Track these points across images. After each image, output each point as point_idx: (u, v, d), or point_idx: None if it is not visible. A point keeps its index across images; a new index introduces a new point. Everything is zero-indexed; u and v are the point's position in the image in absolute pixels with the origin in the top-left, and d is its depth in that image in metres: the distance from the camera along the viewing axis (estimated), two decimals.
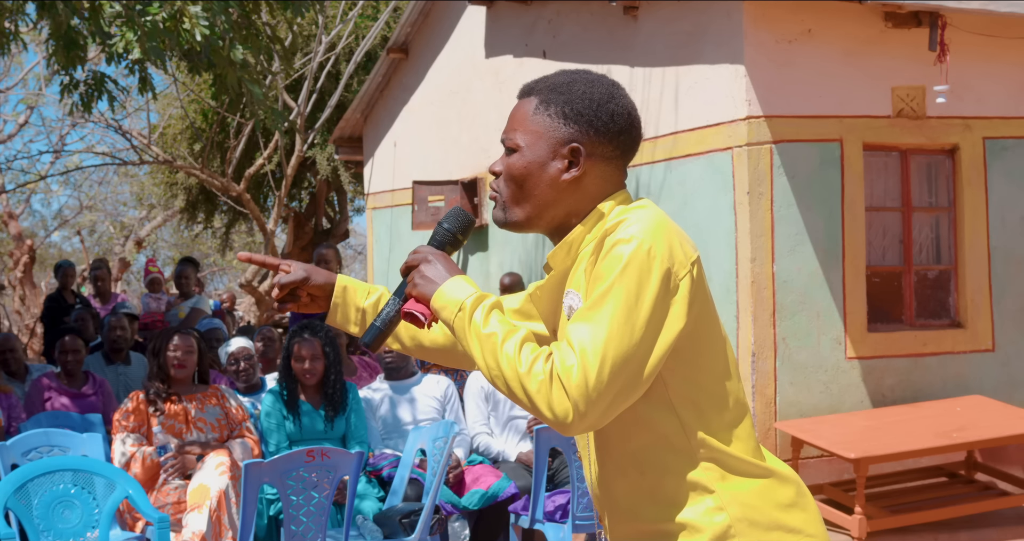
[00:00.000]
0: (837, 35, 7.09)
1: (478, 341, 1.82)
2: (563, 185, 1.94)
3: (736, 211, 6.95)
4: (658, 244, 1.80)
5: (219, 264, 27.30)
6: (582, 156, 1.93)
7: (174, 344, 5.53)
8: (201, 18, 6.25)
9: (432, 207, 9.91)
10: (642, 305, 1.77)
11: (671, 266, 1.81)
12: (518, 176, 1.96)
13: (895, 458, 6.54)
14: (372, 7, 14.28)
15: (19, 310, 17.31)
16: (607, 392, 1.75)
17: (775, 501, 1.90)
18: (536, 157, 1.95)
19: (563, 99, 1.96)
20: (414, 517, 5.07)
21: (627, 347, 1.76)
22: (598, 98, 1.95)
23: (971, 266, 7.39)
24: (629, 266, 1.78)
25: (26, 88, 20.26)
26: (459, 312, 1.85)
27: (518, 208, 1.97)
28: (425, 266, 1.94)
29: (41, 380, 6.78)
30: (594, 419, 1.76)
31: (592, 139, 1.94)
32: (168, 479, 5.28)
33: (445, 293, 1.89)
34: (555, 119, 1.95)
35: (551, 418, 1.75)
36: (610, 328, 1.76)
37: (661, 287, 1.79)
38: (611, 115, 1.95)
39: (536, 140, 1.96)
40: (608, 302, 1.77)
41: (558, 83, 1.99)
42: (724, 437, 1.89)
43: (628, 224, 1.82)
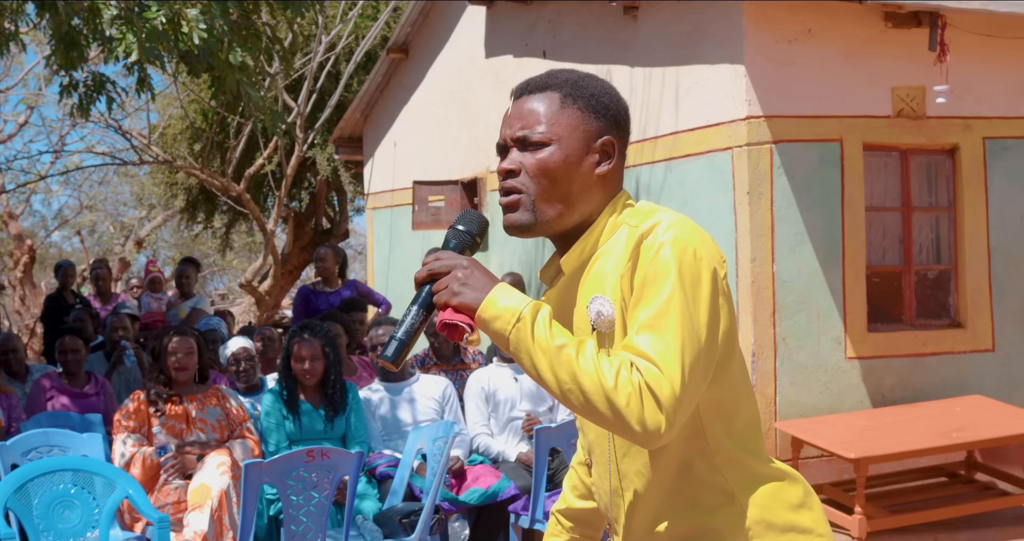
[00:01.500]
0: (837, 35, 7.09)
1: (544, 354, 1.72)
2: (595, 180, 1.90)
3: (736, 211, 6.95)
4: (700, 245, 1.79)
5: (219, 264, 27.30)
6: (616, 150, 1.92)
7: (174, 346, 5.52)
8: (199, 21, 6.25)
9: (432, 207, 9.91)
10: (700, 308, 1.75)
11: (715, 266, 1.80)
12: (555, 170, 1.87)
13: (895, 458, 6.54)
14: (372, 7, 14.28)
15: (19, 310, 17.32)
16: (688, 400, 1.73)
17: (787, 502, 1.92)
18: (573, 150, 1.88)
19: (588, 93, 1.92)
20: (414, 517, 5.07)
21: (696, 352, 1.73)
22: (614, 94, 1.95)
23: (971, 266, 7.39)
24: (682, 270, 1.75)
25: (26, 88, 20.27)
26: (517, 322, 1.73)
27: (548, 206, 1.89)
28: (461, 273, 1.79)
29: (42, 380, 6.78)
30: (678, 428, 1.72)
31: (617, 133, 1.93)
32: (168, 479, 5.28)
33: (497, 302, 1.75)
34: (586, 112, 1.90)
35: (640, 432, 1.68)
36: (681, 336, 1.72)
37: (712, 288, 1.78)
38: (625, 111, 1.95)
39: (570, 133, 1.89)
40: (672, 309, 1.73)
41: (575, 79, 1.94)
42: (741, 439, 1.89)
43: (664, 227, 1.78)
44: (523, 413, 6.23)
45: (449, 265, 1.81)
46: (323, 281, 9.05)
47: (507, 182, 1.90)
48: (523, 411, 6.23)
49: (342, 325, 6.91)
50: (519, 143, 1.90)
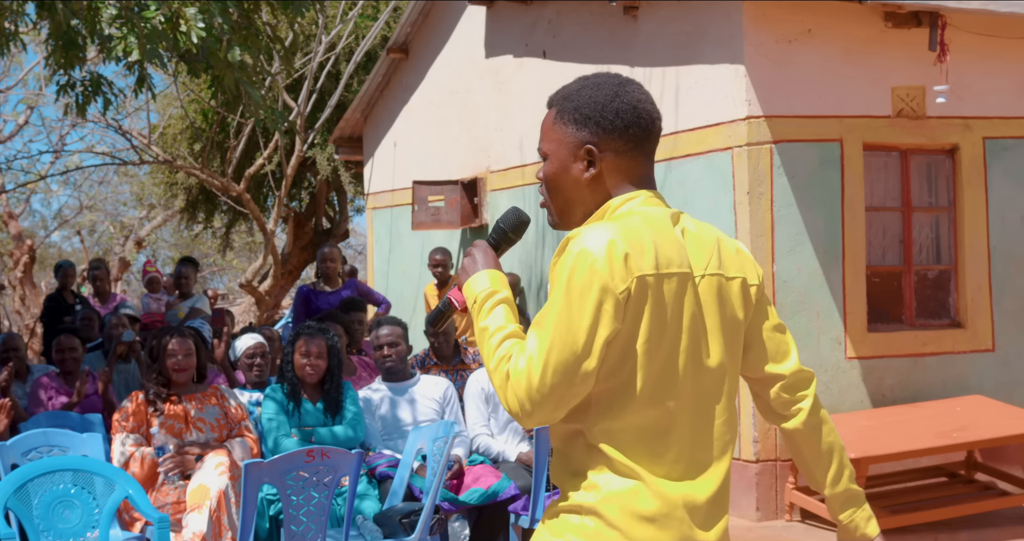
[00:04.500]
0: (837, 35, 7.09)
1: (478, 332, 2.06)
2: (585, 183, 2.14)
3: (736, 211, 6.95)
4: (602, 258, 1.98)
5: (219, 264, 27.31)
6: (596, 155, 2.13)
7: (173, 347, 5.51)
8: (198, 20, 6.24)
9: (432, 207, 9.91)
10: (582, 315, 1.96)
11: (609, 281, 1.97)
12: (550, 180, 2.17)
13: (895, 458, 6.54)
14: (372, 7, 14.28)
15: (19, 310, 17.32)
16: (552, 394, 1.97)
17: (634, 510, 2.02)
18: (561, 162, 2.15)
19: (572, 105, 2.14)
20: (414, 517, 5.07)
21: (568, 355, 1.96)
22: (603, 99, 2.14)
23: (971, 266, 7.39)
24: (572, 280, 1.98)
25: (26, 88, 20.27)
26: (474, 304, 2.10)
27: (558, 209, 2.19)
28: (467, 258, 2.16)
29: (41, 380, 6.78)
30: (543, 416, 1.98)
31: (603, 137, 2.14)
32: (167, 479, 5.27)
33: (470, 285, 2.12)
34: (568, 125, 2.14)
35: (508, 409, 1.99)
36: (553, 337, 1.96)
37: (598, 299, 1.97)
38: (616, 112, 2.14)
39: (558, 147, 2.15)
40: (553, 312, 1.98)
41: (570, 91, 2.17)
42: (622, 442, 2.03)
43: (580, 239, 2.01)
44: None
45: (469, 250, 2.18)
46: (324, 281, 9.04)
47: (540, 188, 2.24)
48: None
49: (342, 325, 6.91)
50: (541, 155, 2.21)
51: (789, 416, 2.27)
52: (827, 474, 2.30)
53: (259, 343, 6.41)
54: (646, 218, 2.11)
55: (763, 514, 6.82)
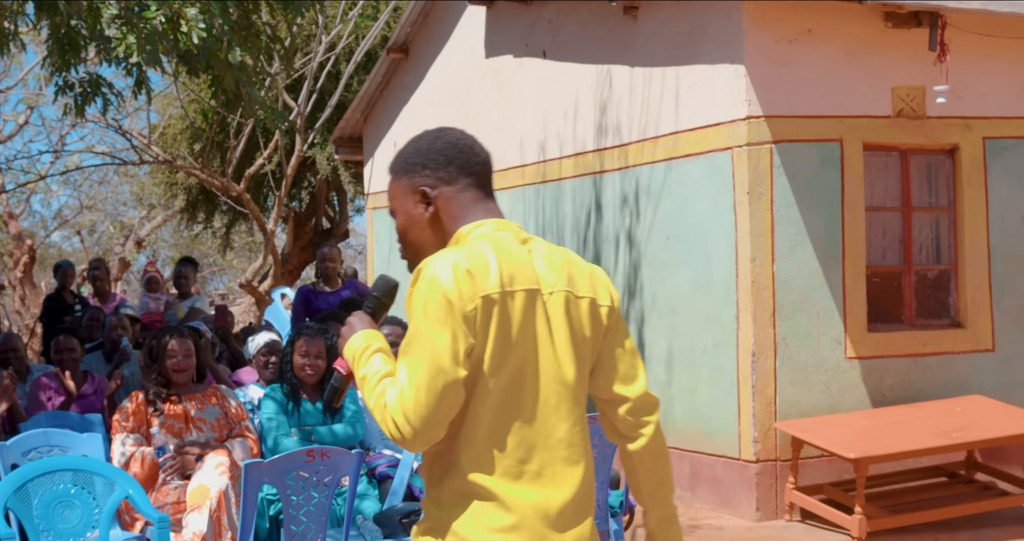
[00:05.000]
0: (837, 35, 7.09)
1: (359, 382, 2.21)
2: (428, 222, 2.31)
3: (736, 211, 6.95)
4: (449, 281, 2.13)
5: (219, 264, 27.31)
6: (430, 193, 2.29)
7: (172, 347, 5.51)
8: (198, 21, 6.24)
9: None
10: (441, 334, 2.11)
11: (458, 301, 2.13)
12: (402, 232, 2.34)
13: (895, 458, 6.54)
14: (372, 7, 14.27)
15: (19, 310, 17.32)
16: (427, 413, 2.10)
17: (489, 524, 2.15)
18: (406, 212, 2.33)
19: (401, 160, 2.34)
20: (414, 517, 5.07)
21: (435, 372, 2.10)
22: (424, 145, 2.33)
23: (971, 266, 7.39)
24: (427, 303, 2.14)
25: (26, 88, 20.26)
26: (353, 360, 2.25)
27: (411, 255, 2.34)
28: (344, 328, 2.33)
29: (40, 380, 6.78)
30: (426, 436, 2.12)
31: (432, 176, 2.30)
32: (167, 479, 5.27)
33: (348, 346, 2.28)
34: (402, 177, 2.33)
35: (396, 438, 2.12)
36: (419, 360, 2.12)
37: (452, 318, 2.12)
38: (438, 151, 2.31)
39: (400, 200, 2.33)
40: (416, 339, 2.14)
41: (399, 152, 2.37)
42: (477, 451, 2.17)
43: (432, 262, 2.17)
44: None
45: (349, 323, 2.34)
46: (324, 281, 9.04)
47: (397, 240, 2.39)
48: None
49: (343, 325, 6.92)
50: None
51: (632, 438, 2.38)
52: (655, 494, 2.41)
53: (274, 341, 6.43)
54: (492, 241, 2.22)
55: (763, 514, 6.81)
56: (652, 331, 7.71)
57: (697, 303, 7.27)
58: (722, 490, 7.05)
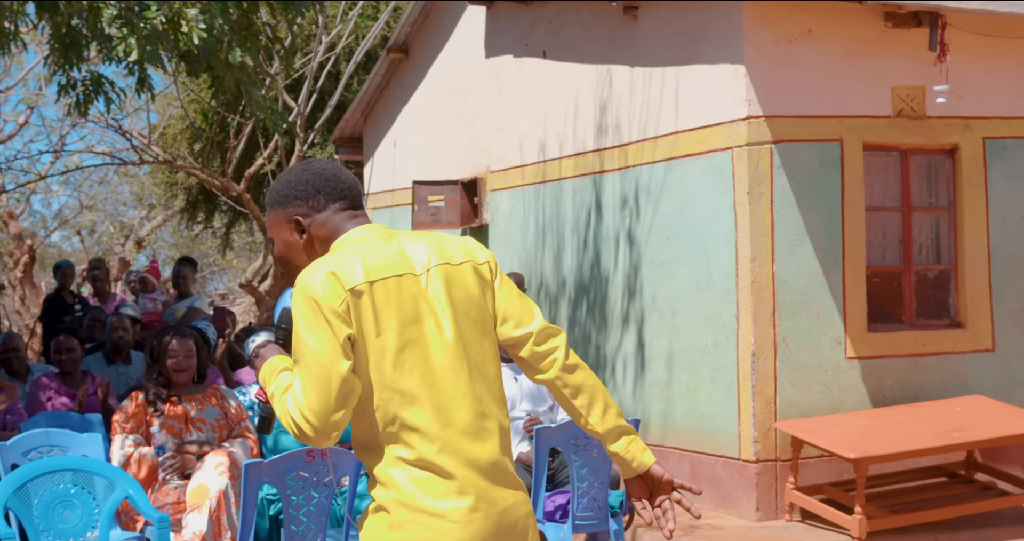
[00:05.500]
0: (837, 35, 7.09)
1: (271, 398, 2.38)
2: (303, 247, 2.51)
3: (736, 211, 6.94)
4: (316, 285, 2.33)
5: (219, 264, 27.30)
6: (303, 222, 2.50)
7: (173, 348, 5.51)
8: (199, 21, 6.24)
9: (432, 207, 9.91)
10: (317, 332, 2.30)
11: (325, 300, 2.31)
12: (282, 257, 2.55)
13: (895, 458, 6.54)
14: (372, 7, 14.28)
15: (19, 310, 17.31)
16: (323, 410, 2.27)
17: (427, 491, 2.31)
18: (283, 239, 2.53)
19: (274, 195, 2.55)
20: None
21: (319, 368, 2.28)
22: (293, 178, 2.53)
23: (971, 266, 7.39)
24: (301, 307, 2.33)
25: (26, 88, 20.26)
26: (266, 384, 2.42)
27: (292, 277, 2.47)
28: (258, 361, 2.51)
29: (40, 380, 6.78)
30: (327, 432, 2.28)
31: (302, 206, 2.51)
32: (167, 479, 5.27)
33: (261, 375, 2.45)
34: (276, 209, 2.53)
35: (297, 438, 2.29)
36: (305, 362, 2.30)
37: (323, 316, 2.31)
38: (305, 182, 2.51)
39: (277, 229, 2.54)
40: (299, 341, 2.32)
41: (272, 186, 2.57)
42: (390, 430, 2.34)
43: (303, 273, 2.38)
44: (524, 413, 6.22)
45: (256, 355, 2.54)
46: None
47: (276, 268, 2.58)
48: (524, 411, 6.23)
49: None
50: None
51: (545, 368, 2.51)
52: (592, 413, 2.51)
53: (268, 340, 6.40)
54: (357, 243, 2.43)
55: (763, 514, 6.82)
56: (652, 331, 7.71)
57: (697, 303, 7.28)
58: (722, 490, 7.05)
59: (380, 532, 2.32)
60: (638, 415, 7.58)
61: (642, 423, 7.07)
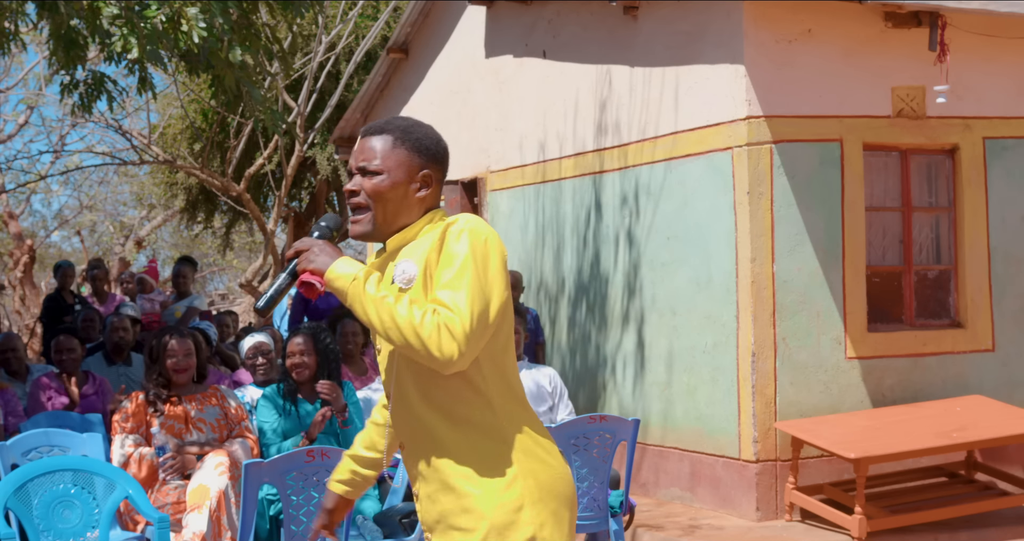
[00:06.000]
0: (837, 35, 7.09)
1: (372, 303, 2.35)
2: (414, 201, 2.55)
3: (736, 211, 6.94)
4: (490, 235, 2.44)
5: (219, 264, 27.31)
6: (432, 180, 2.56)
7: (173, 347, 5.51)
8: (199, 20, 6.24)
9: None
10: (488, 277, 2.39)
11: (502, 251, 2.45)
12: (382, 193, 2.52)
13: (895, 458, 6.54)
14: (372, 7, 14.28)
15: (19, 310, 17.31)
16: (476, 338, 2.34)
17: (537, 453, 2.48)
18: (398, 179, 2.52)
19: (414, 137, 2.56)
20: (414, 517, 5.07)
21: (483, 305, 2.36)
22: (435, 137, 2.60)
23: (971, 266, 7.39)
24: (475, 249, 2.39)
25: (26, 88, 20.27)
26: (353, 281, 2.37)
27: (379, 219, 2.54)
28: (317, 248, 2.46)
29: (40, 380, 6.78)
30: (469, 358, 2.35)
31: (434, 167, 2.57)
32: (167, 479, 5.27)
33: (338, 267, 2.40)
34: (411, 152, 2.54)
35: (439, 357, 2.31)
36: (471, 292, 2.35)
37: (500, 263, 2.42)
38: (443, 151, 2.60)
39: (396, 167, 2.53)
40: (465, 274, 2.36)
41: (406, 126, 2.58)
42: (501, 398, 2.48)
43: (464, 220, 2.44)
44: None
45: (309, 244, 2.48)
46: None
47: (352, 200, 2.55)
48: None
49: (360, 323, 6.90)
50: (360, 171, 2.55)
51: None
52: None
53: (259, 342, 6.40)
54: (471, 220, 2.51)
55: (763, 514, 6.82)
56: (652, 331, 7.71)
57: (697, 303, 7.28)
58: (722, 490, 7.05)
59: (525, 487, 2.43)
60: (638, 415, 7.58)
61: (642, 423, 7.07)
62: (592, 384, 8.30)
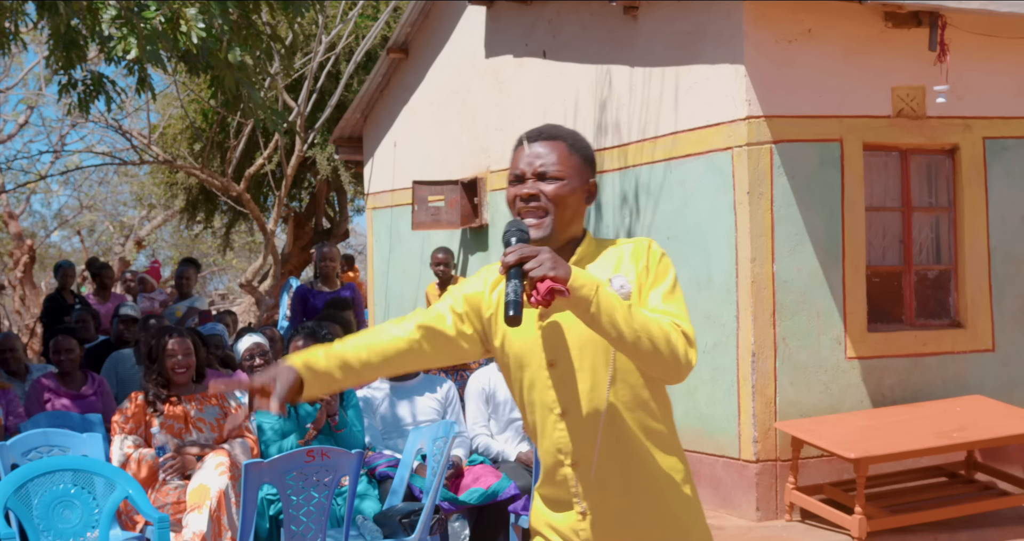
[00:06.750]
0: (837, 35, 7.09)
1: (619, 312, 2.35)
2: (582, 210, 2.59)
3: (736, 211, 6.94)
4: None
5: (219, 264, 27.31)
6: (594, 193, 2.61)
7: (172, 347, 5.50)
8: (198, 21, 6.24)
9: (432, 207, 9.91)
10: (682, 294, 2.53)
11: None
12: (563, 198, 2.53)
13: (895, 458, 6.54)
14: (372, 7, 14.28)
15: (19, 310, 17.31)
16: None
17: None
18: (576, 187, 2.55)
19: (583, 146, 2.61)
20: (414, 517, 5.07)
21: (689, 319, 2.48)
22: (592, 148, 2.66)
23: (971, 266, 7.39)
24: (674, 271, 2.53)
25: (26, 88, 20.27)
26: (599, 289, 2.35)
27: (558, 225, 2.53)
28: (549, 254, 2.36)
29: (40, 380, 6.78)
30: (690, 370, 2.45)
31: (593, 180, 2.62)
32: (167, 479, 5.27)
33: (581, 275, 2.37)
34: (583, 162, 2.58)
35: (684, 365, 2.39)
36: (684, 308, 2.48)
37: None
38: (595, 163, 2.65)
39: (574, 174, 2.55)
40: (676, 290, 2.50)
41: (573, 134, 2.62)
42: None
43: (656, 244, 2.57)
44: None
45: (536, 250, 2.36)
46: (322, 280, 9.03)
47: (530, 205, 2.53)
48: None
49: (340, 325, 6.91)
50: (539, 176, 2.54)
51: None
52: None
53: (256, 344, 6.39)
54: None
55: (763, 514, 6.81)
56: None
57: (697, 303, 7.27)
58: (722, 490, 7.05)
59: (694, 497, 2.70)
60: None
61: None
62: None
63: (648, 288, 2.49)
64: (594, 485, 2.49)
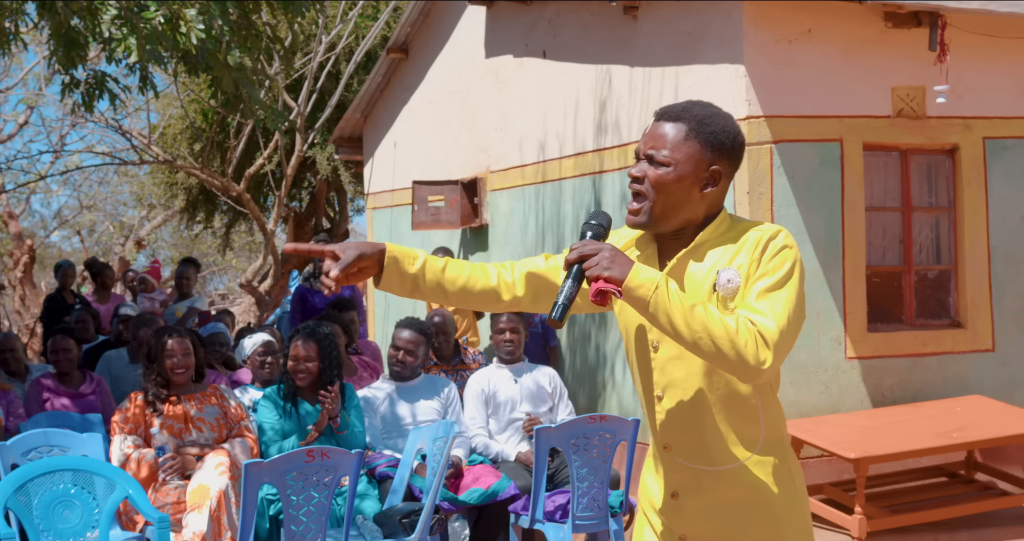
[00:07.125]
0: (837, 35, 7.09)
1: (679, 312, 2.31)
2: (698, 197, 2.47)
3: (736, 211, 6.94)
4: (800, 257, 2.48)
5: (219, 264, 27.31)
6: (720, 177, 2.48)
7: (171, 347, 5.50)
8: (197, 21, 6.23)
9: (432, 207, 9.91)
10: (800, 294, 2.44)
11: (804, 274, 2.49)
12: (666, 185, 2.45)
13: (895, 458, 6.54)
14: (372, 7, 14.28)
15: (19, 310, 17.31)
16: (785, 349, 2.37)
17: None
18: (685, 173, 2.44)
19: (710, 130, 2.47)
20: (414, 517, 5.07)
21: (797, 318, 2.41)
22: (733, 130, 2.49)
23: (971, 266, 7.39)
24: (794, 267, 2.46)
25: (26, 88, 20.26)
26: (656, 289, 2.31)
27: (657, 211, 2.46)
28: (608, 253, 2.34)
29: (39, 380, 6.78)
30: (776, 368, 2.37)
31: (726, 163, 2.49)
32: (167, 479, 5.27)
33: (640, 274, 2.32)
34: (703, 146, 2.45)
35: (753, 364, 2.32)
36: (788, 307, 2.40)
37: (803, 279, 2.47)
38: (740, 145, 2.51)
39: (686, 160, 2.45)
40: (785, 289, 2.42)
41: (704, 116, 2.48)
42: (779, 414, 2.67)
43: (782, 236, 2.48)
44: (523, 414, 6.23)
45: (596, 248, 2.35)
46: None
47: (633, 186, 2.48)
48: (523, 412, 6.23)
49: (340, 325, 6.90)
50: (648, 158, 2.47)
51: None
52: None
53: (269, 341, 6.42)
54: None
55: None
56: None
57: None
58: None
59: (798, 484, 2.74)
60: (638, 415, 7.58)
61: (642, 423, 7.05)
62: (592, 384, 8.29)
63: (753, 282, 2.44)
64: (683, 470, 2.54)
